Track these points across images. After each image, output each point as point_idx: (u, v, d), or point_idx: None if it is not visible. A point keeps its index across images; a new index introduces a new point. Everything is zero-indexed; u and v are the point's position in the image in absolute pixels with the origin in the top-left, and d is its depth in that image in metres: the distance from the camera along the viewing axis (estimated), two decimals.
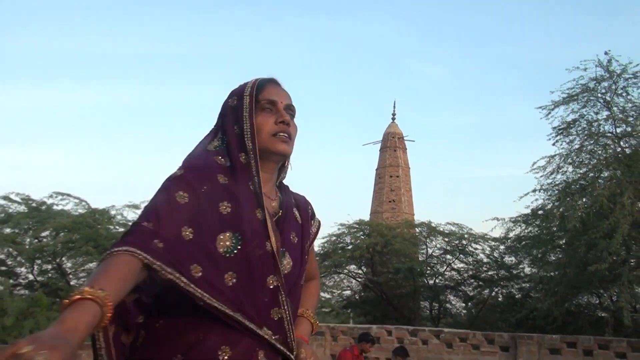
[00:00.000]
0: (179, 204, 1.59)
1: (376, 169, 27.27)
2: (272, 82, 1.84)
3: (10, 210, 12.11)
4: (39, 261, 12.20)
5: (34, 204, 12.23)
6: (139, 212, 1.74)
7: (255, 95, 1.77)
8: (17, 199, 12.21)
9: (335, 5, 63.87)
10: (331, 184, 58.30)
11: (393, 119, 28.10)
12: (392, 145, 26.89)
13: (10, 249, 11.53)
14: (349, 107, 62.66)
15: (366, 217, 25.40)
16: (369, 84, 59.26)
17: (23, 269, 12.29)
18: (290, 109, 1.81)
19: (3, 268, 11.87)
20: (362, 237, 19.94)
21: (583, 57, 15.00)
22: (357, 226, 20.44)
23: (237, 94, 1.80)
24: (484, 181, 59.12)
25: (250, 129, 1.73)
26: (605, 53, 13.67)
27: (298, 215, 1.86)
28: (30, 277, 12.23)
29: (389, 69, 59.06)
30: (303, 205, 1.92)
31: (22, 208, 12.23)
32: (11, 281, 11.26)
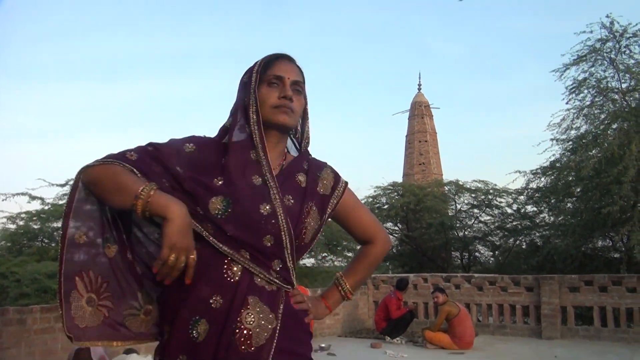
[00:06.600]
0: (185, 151, 1.67)
1: (406, 136, 27.23)
2: (283, 58, 1.78)
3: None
4: None
5: None
6: None
7: (264, 70, 1.73)
8: None
9: None
10: (366, 151, 58.57)
11: (419, 89, 27.83)
12: (419, 113, 26.80)
13: None
14: (379, 83, 62.55)
15: (399, 179, 25.58)
16: (396, 62, 59.05)
17: None
18: (297, 85, 1.74)
19: None
20: (396, 197, 20.17)
21: (587, 23, 14.52)
22: (392, 188, 20.67)
23: (249, 71, 1.76)
24: (505, 141, 58.52)
25: (255, 102, 1.70)
26: (607, 16, 13.50)
27: (303, 180, 1.76)
28: None
29: (412, 48, 58.84)
30: (314, 169, 1.81)
31: None
32: None
